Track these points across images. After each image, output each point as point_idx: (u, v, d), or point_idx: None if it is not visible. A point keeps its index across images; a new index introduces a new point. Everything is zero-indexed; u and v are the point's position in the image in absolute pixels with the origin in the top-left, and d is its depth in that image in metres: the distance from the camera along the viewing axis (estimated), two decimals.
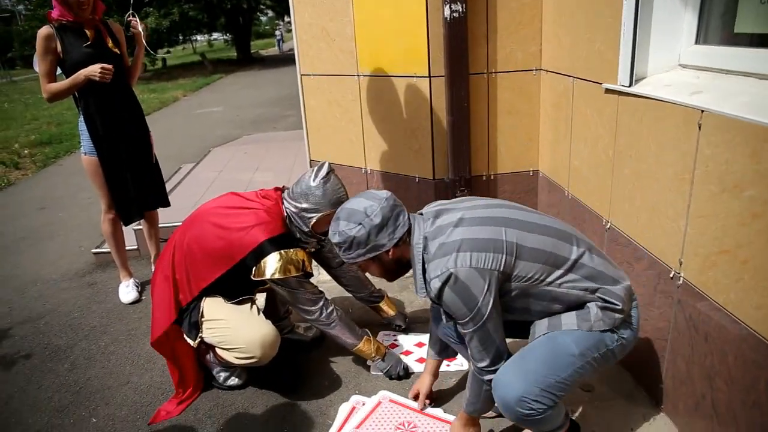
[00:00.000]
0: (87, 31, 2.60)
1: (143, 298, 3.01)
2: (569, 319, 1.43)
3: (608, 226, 2.03)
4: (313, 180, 1.92)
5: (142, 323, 2.75)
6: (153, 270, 3.22)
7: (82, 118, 2.69)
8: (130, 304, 2.96)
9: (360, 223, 1.46)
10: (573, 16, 2.19)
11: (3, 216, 4.92)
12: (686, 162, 1.50)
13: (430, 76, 2.59)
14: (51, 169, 6.94)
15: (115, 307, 2.95)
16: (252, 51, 24.97)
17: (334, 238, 1.51)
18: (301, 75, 3.17)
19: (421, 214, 1.55)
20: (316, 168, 1.95)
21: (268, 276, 1.89)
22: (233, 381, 2.17)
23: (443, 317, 1.54)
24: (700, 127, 1.41)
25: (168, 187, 4.93)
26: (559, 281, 1.41)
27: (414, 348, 2.35)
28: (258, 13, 22.99)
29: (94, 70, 2.52)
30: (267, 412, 2.05)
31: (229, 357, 2.00)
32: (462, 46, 2.47)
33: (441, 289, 1.37)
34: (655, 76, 1.73)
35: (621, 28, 1.74)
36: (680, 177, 1.53)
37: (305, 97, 3.22)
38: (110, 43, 2.63)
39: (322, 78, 3.06)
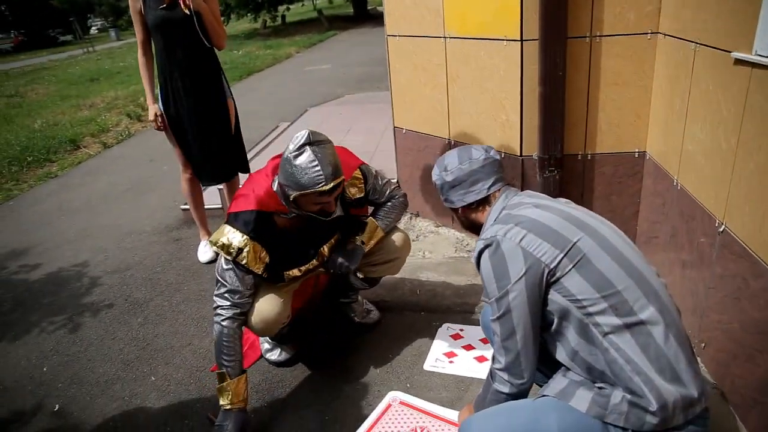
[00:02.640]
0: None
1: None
2: (583, 393, 1.18)
3: (722, 229, 1.66)
4: (289, 152, 1.61)
5: (213, 285, 2.79)
6: None
7: (157, 79, 2.72)
8: (206, 263, 3.02)
9: (438, 174, 1.49)
10: None
11: (118, 166, 5.29)
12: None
13: (522, 40, 2.26)
14: None
15: (192, 265, 3.02)
16: (369, 7, 24.82)
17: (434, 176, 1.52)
18: (387, 36, 2.96)
19: (519, 193, 1.44)
20: (296, 136, 1.63)
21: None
22: (273, 356, 2.12)
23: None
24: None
25: (261, 146, 5.03)
26: (606, 329, 1.14)
27: (479, 343, 2.15)
28: None
29: (150, 116, 2.77)
30: (311, 395, 1.97)
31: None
32: (560, 2, 2.12)
33: (480, 253, 1.31)
34: None
35: None
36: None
37: (391, 60, 3.02)
38: (182, 5, 2.58)
39: (407, 39, 2.83)
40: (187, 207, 3.66)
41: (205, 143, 2.79)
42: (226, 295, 1.78)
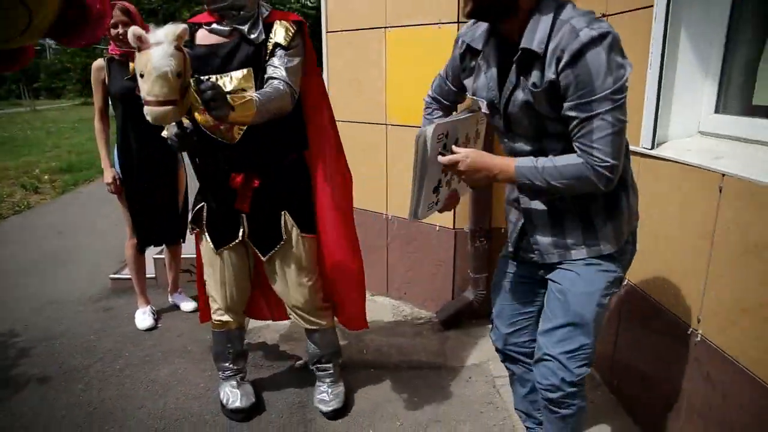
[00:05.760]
0: (131, 64, 2.75)
1: (159, 326, 3.04)
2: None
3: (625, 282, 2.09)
4: None
5: (156, 350, 2.78)
6: (169, 300, 3.28)
7: (117, 144, 2.82)
8: (145, 330, 2.99)
9: None
10: None
11: (21, 238, 5.00)
12: (707, 223, 1.58)
13: None
14: (69, 195, 7.08)
15: (130, 332, 2.98)
16: None
17: None
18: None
19: None
20: None
21: None
22: (233, 402, 2.22)
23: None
24: (720, 190, 1.50)
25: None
26: None
27: None
28: None
29: (107, 175, 2.83)
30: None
31: None
32: None
33: (593, 42, 1.18)
34: (676, 141, 1.84)
35: (645, 94, 1.86)
36: (701, 237, 1.61)
37: None
38: None
39: (352, 125, 3.20)
40: (116, 276, 3.64)
41: (156, 208, 2.88)
42: None
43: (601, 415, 2.10)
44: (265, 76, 1.81)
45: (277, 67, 1.80)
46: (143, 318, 3.04)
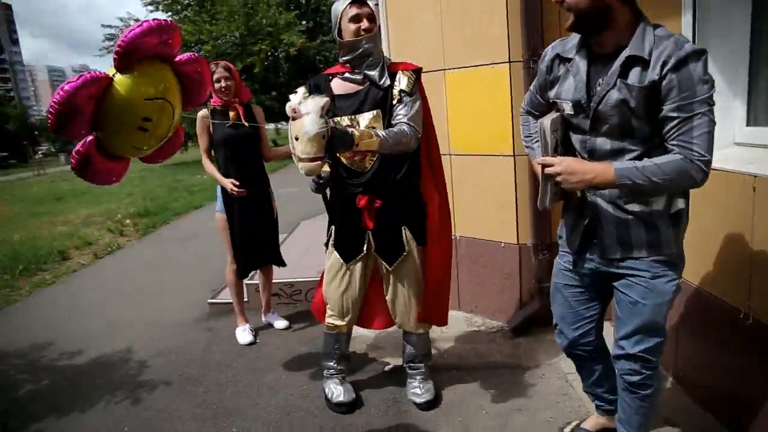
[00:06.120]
0: (230, 113, 3.23)
1: (257, 341, 3.44)
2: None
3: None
4: None
5: (259, 361, 3.17)
6: (263, 320, 3.69)
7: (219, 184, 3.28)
8: (246, 345, 3.39)
9: None
10: None
11: (118, 275, 5.58)
12: (746, 220, 1.86)
13: (514, 155, 3.06)
14: (151, 236, 7.74)
15: (233, 347, 3.39)
16: None
17: None
18: None
19: None
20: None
21: None
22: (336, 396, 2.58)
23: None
24: (754, 190, 1.79)
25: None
26: None
27: None
28: None
29: (227, 185, 3.16)
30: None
31: None
32: None
33: (695, 54, 1.42)
34: (716, 152, 2.12)
35: None
36: (742, 233, 1.89)
37: None
38: (244, 122, 3.22)
39: None
40: (214, 301, 4.09)
41: (255, 237, 3.32)
42: None
43: (668, 404, 2.33)
44: (392, 120, 2.22)
45: (404, 114, 2.20)
46: (243, 334, 3.45)
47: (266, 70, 18.34)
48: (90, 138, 1.63)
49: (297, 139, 1.94)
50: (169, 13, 19.93)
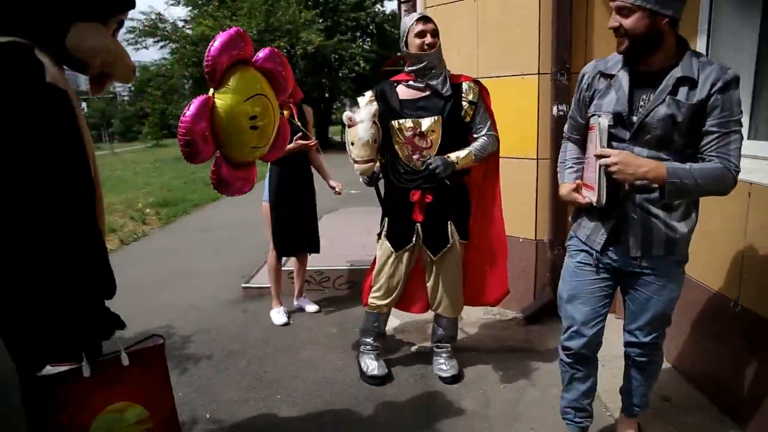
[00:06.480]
0: (285, 111, 3.51)
1: (291, 322, 3.73)
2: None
3: None
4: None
5: (295, 339, 3.46)
6: (294, 304, 3.97)
7: (268, 174, 3.56)
8: (281, 326, 3.68)
9: None
10: None
11: (146, 260, 5.88)
12: (741, 222, 2.13)
13: (537, 159, 3.34)
14: (173, 225, 8.04)
15: (270, 327, 3.67)
16: (329, 135, 27.02)
17: None
18: None
19: None
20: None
21: None
22: (372, 370, 2.87)
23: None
24: (749, 195, 2.06)
25: None
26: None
27: None
28: (337, 102, 25.07)
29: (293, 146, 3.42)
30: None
31: None
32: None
33: (736, 80, 1.66)
34: None
35: None
36: (737, 233, 2.16)
37: None
38: (297, 121, 3.51)
39: None
40: (247, 285, 4.38)
41: (298, 225, 3.61)
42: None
43: (665, 386, 2.62)
44: (475, 133, 2.59)
45: (482, 126, 2.57)
46: (279, 316, 3.73)
47: None
48: (218, 155, 1.89)
49: (353, 144, 2.23)
50: (190, 8, 20.21)
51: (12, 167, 1.20)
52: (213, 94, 1.83)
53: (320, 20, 19.20)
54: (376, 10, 22.75)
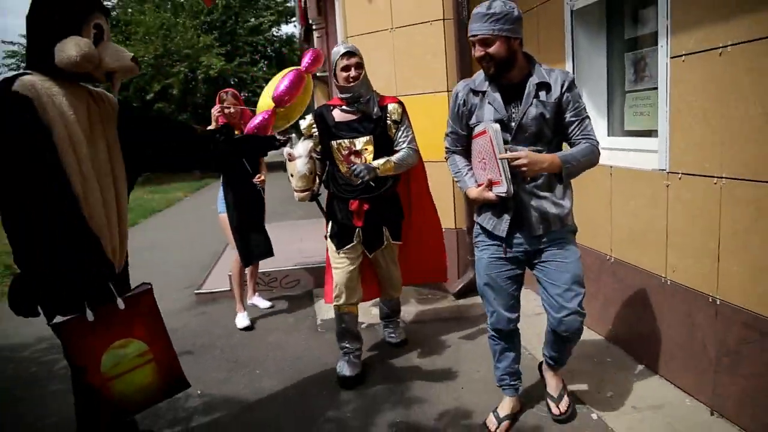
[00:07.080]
0: (236, 132, 3.90)
1: (255, 327, 4.01)
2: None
3: None
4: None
5: (259, 329, 3.90)
6: (249, 302, 4.35)
7: (222, 189, 3.96)
8: (243, 329, 3.95)
9: (511, 7, 1.98)
10: None
11: None
12: (606, 194, 2.95)
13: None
14: None
15: (233, 328, 3.99)
16: None
17: (495, 8, 1.96)
18: None
19: None
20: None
21: None
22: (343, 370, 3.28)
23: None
24: (611, 175, 2.89)
25: (212, 264, 6.07)
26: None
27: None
28: None
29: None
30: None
31: None
32: None
33: (574, 79, 2.12)
34: None
35: None
36: (605, 203, 2.98)
37: None
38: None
39: None
40: (200, 291, 4.70)
41: (252, 233, 3.97)
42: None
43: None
44: (396, 146, 2.92)
45: (403, 140, 2.92)
46: (242, 320, 4.00)
47: (183, 91, 18.53)
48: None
49: (292, 176, 2.76)
50: None
51: None
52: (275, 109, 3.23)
53: (217, 44, 19.27)
54: (273, 33, 23.14)
